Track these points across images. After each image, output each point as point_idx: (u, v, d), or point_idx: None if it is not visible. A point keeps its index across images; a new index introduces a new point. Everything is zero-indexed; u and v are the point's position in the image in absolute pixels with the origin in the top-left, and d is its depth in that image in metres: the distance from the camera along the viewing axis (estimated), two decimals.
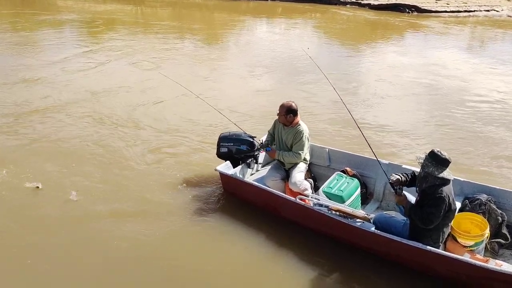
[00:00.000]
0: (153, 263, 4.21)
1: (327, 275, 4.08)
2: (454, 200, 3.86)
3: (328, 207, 4.33)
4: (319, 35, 17.23)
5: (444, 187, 3.75)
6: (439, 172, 3.75)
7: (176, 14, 21.16)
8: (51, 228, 4.71)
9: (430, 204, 3.75)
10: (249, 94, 9.25)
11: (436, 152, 3.80)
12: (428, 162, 3.80)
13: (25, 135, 6.95)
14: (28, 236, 4.57)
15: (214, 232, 4.69)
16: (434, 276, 3.95)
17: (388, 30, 17.66)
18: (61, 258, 4.27)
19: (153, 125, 7.43)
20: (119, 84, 9.60)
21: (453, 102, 8.87)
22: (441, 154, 3.78)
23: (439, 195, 3.71)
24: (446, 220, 3.86)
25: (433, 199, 3.74)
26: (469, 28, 18.80)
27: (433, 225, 3.78)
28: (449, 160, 3.79)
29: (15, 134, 6.97)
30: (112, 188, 5.48)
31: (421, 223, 3.80)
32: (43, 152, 6.40)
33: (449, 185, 3.81)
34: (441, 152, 3.80)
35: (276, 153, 5.17)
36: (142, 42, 14.04)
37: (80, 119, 7.61)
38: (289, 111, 5.01)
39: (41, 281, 3.99)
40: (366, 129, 7.42)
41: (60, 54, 12.04)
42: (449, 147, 6.80)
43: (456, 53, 13.69)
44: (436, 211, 3.72)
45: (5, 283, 3.95)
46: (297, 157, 5.06)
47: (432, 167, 3.77)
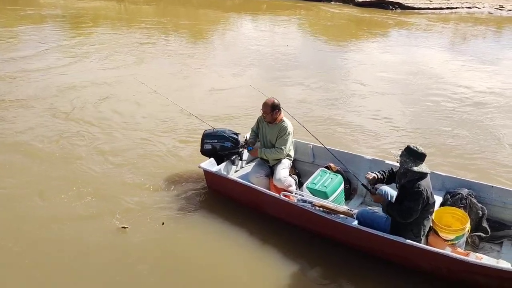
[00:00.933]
0: (136, 264, 4.17)
1: (311, 271, 4.09)
2: (432, 194, 3.91)
3: (311, 203, 4.34)
4: (303, 32, 17.27)
5: (422, 181, 3.80)
6: (417, 167, 3.80)
7: (160, 11, 20.96)
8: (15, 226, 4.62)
9: (409, 199, 3.80)
10: (230, 91, 9.22)
11: (412, 147, 3.86)
12: (405, 158, 3.86)
13: None
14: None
15: (198, 230, 4.67)
16: (416, 270, 3.99)
17: (372, 27, 17.77)
18: (34, 258, 4.21)
19: (132, 124, 7.34)
20: (95, 82, 9.48)
21: (435, 99, 8.97)
22: (417, 149, 3.84)
23: (417, 189, 3.77)
24: (425, 214, 3.91)
25: (411, 193, 3.79)
26: (452, 25, 19.03)
27: (412, 219, 3.82)
28: (425, 154, 3.85)
29: None
30: (93, 189, 5.40)
31: (400, 218, 3.85)
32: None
33: (427, 179, 3.87)
34: (416, 147, 3.86)
35: (258, 151, 5.16)
36: (122, 39, 13.86)
37: (52, 117, 7.50)
38: (273, 107, 5.00)
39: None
40: (347, 125, 7.51)
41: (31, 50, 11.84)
42: (430, 142, 6.89)
43: (438, 50, 13.85)
44: (414, 205, 3.77)
45: None
46: (279, 152, 5.05)
47: (410, 163, 3.82)
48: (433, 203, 3.96)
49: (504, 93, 9.43)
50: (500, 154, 6.57)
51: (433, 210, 4.00)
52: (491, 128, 7.54)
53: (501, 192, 4.57)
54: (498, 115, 8.11)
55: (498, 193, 4.57)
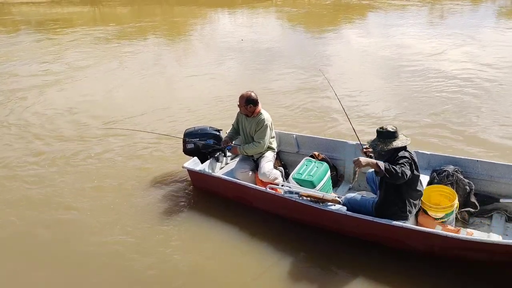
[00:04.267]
0: (125, 266, 4.08)
1: (304, 261, 4.03)
2: (417, 166, 3.83)
3: (298, 194, 4.28)
4: (282, 22, 17.17)
5: (404, 151, 3.78)
6: (388, 146, 3.79)
7: (136, 12, 20.69)
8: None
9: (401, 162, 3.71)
10: (207, 88, 9.12)
11: (379, 129, 3.88)
12: (376, 142, 3.87)
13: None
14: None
15: (188, 230, 4.58)
16: (409, 252, 3.95)
17: (350, 11, 17.74)
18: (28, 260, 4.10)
19: (115, 126, 7.22)
20: (68, 89, 9.35)
21: (416, 78, 8.97)
22: (383, 129, 3.84)
23: (399, 157, 3.72)
24: (411, 186, 3.84)
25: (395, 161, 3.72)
26: (429, 3, 19.06)
27: (407, 176, 3.60)
28: (393, 130, 3.83)
29: None
30: (76, 193, 5.30)
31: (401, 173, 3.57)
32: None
33: (409, 151, 3.82)
34: (383, 127, 3.87)
35: (238, 149, 5.09)
36: (96, 44, 13.68)
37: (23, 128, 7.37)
38: (248, 101, 4.92)
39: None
40: (329, 111, 7.46)
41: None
42: (413, 121, 6.89)
43: (417, 28, 13.88)
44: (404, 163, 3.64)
45: None
46: (258, 146, 4.98)
47: (381, 144, 3.82)
48: (417, 177, 3.89)
49: (484, 69, 9.44)
50: (484, 129, 6.56)
51: (417, 187, 3.90)
52: (473, 103, 7.55)
53: (487, 165, 4.55)
54: (479, 91, 8.12)
55: (484, 167, 4.55)
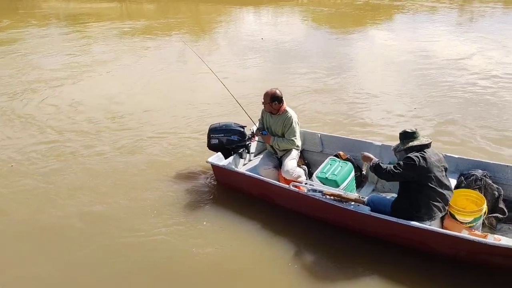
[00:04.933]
0: (147, 257, 4.14)
1: (325, 260, 4.01)
2: (433, 169, 3.81)
3: (322, 192, 4.26)
4: (307, 21, 17.10)
5: (416, 152, 3.86)
6: (405, 145, 3.95)
7: (161, 8, 20.92)
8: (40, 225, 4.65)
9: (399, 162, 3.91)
10: (234, 84, 9.11)
11: (400, 132, 4.07)
12: (398, 145, 4.06)
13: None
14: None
15: (210, 224, 4.62)
16: (433, 255, 3.89)
17: (377, 11, 17.53)
18: (52, 257, 4.20)
19: (139, 121, 7.34)
20: (99, 82, 9.51)
21: (444, 81, 8.79)
22: (402, 131, 4.04)
23: (409, 156, 3.86)
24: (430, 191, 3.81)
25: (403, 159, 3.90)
26: (458, 4, 18.68)
27: (393, 177, 3.89)
28: (410, 131, 3.99)
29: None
30: (103, 185, 5.40)
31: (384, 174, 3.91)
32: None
33: (428, 152, 3.87)
34: (405, 130, 4.04)
35: (271, 139, 5.08)
36: (121, 39, 13.90)
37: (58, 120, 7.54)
38: (273, 98, 4.92)
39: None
40: (355, 112, 7.39)
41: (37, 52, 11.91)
42: (441, 125, 6.76)
43: (446, 31, 13.59)
44: (402, 165, 3.82)
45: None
46: (291, 143, 4.98)
47: (400, 145, 4.01)
48: (439, 182, 3.84)
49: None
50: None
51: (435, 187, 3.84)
52: (504, 108, 7.36)
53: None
54: (509, 95, 7.92)
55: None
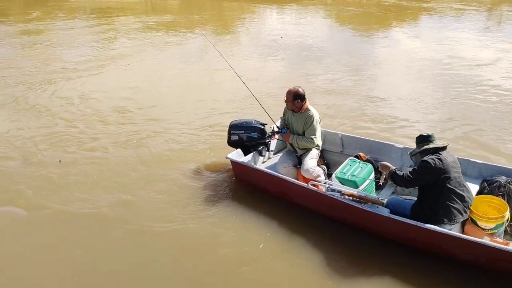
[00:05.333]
0: (165, 251, 4.20)
1: (341, 260, 4.00)
2: (450, 171, 3.79)
3: (341, 192, 4.24)
4: (330, 21, 16.99)
5: (430, 155, 3.84)
6: (420, 148, 3.94)
7: (185, 4, 21.07)
8: (64, 218, 4.75)
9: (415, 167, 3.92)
10: (256, 81, 9.16)
11: (417, 136, 4.06)
12: (414, 150, 4.03)
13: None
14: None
15: (227, 221, 4.65)
16: (454, 260, 3.84)
17: (402, 12, 17.29)
18: (74, 247, 4.30)
19: (162, 116, 7.41)
20: (127, 78, 9.65)
21: (468, 85, 8.63)
22: (418, 135, 4.03)
23: (424, 159, 3.83)
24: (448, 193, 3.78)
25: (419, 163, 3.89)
26: (486, 7, 18.28)
27: (411, 183, 3.89)
28: (426, 134, 3.98)
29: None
30: (125, 179, 5.48)
31: (401, 181, 3.92)
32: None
33: (443, 154, 3.86)
34: (422, 133, 4.03)
35: (290, 137, 5.09)
36: (144, 34, 14.05)
37: (83, 114, 7.68)
38: (296, 96, 4.91)
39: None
40: (377, 113, 7.32)
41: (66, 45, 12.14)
42: (465, 129, 6.64)
43: (472, 35, 13.33)
44: (418, 169, 3.82)
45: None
46: (311, 142, 4.97)
47: (416, 149, 4.00)
48: (457, 183, 3.81)
49: None
50: None
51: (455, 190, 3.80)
52: None
53: None
54: None
55: None
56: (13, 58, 11.34)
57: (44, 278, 3.92)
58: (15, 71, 10.12)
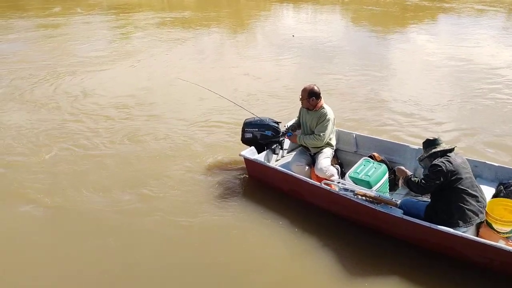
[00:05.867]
0: (178, 249, 4.23)
1: (352, 260, 3.99)
2: (461, 171, 3.77)
3: (354, 192, 4.23)
4: (347, 20, 16.88)
5: (440, 158, 3.84)
6: (428, 152, 3.93)
7: (202, 1, 21.14)
8: (68, 217, 4.81)
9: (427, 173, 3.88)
10: (270, 80, 9.18)
11: (423, 141, 4.06)
12: (423, 154, 4.02)
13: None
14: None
15: (239, 218, 4.67)
16: (466, 262, 3.80)
17: (419, 12, 17.08)
18: (87, 246, 4.36)
19: (175, 114, 7.44)
20: (136, 77, 9.74)
21: (486, 87, 8.49)
22: (425, 139, 4.03)
23: (434, 163, 3.82)
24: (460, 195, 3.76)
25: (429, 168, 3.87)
26: (504, 9, 17.95)
27: (426, 190, 3.85)
28: (431, 138, 3.98)
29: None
30: (139, 175, 5.54)
31: (416, 188, 3.88)
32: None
33: (451, 156, 3.84)
34: (428, 138, 4.03)
35: (297, 138, 5.09)
36: (160, 30, 14.15)
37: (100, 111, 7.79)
38: (311, 94, 4.90)
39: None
40: (393, 114, 7.27)
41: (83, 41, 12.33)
42: (481, 132, 6.56)
43: (490, 37, 13.10)
44: (430, 175, 3.79)
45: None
46: (318, 139, 4.95)
47: (424, 153, 3.98)
48: (470, 184, 3.80)
49: None
50: None
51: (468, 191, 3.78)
52: None
53: None
54: None
55: None
56: (26, 51, 11.57)
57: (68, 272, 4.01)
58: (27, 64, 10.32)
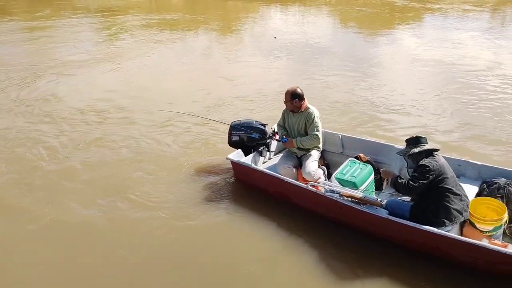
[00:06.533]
0: (164, 253, 4.21)
1: (339, 262, 4.01)
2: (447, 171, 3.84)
3: (340, 193, 4.25)
4: (334, 21, 16.98)
5: (427, 158, 3.88)
6: (418, 148, 3.93)
7: (189, 3, 21.11)
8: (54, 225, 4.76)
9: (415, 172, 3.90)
10: (255, 83, 9.19)
11: (409, 137, 4.09)
12: (406, 149, 4.04)
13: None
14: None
15: (226, 221, 4.67)
16: (451, 262, 3.85)
17: (406, 13, 17.24)
18: (65, 254, 4.33)
19: (159, 117, 7.39)
20: (121, 78, 9.70)
21: (472, 86, 8.61)
22: (412, 136, 4.06)
23: (420, 164, 3.84)
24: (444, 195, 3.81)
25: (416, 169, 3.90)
26: (489, 9, 18.19)
27: (416, 191, 3.85)
28: (419, 136, 4.01)
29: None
30: (124, 179, 5.51)
31: (405, 190, 3.91)
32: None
33: (437, 158, 3.89)
34: (412, 135, 4.08)
35: (294, 141, 5.03)
36: (147, 32, 14.11)
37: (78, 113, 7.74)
38: (294, 96, 4.92)
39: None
40: (377, 114, 7.33)
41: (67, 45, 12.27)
42: (465, 130, 6.64)
43: (475, 36, 13.27)
44: (418, 176, 3.81)
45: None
46: (315, 138, 4.96)
47: (415, 149, 3.96)
48: (454, 183, 3.85)
49: None
50: None
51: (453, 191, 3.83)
52: None
53: None
54: None
55: None
56: (7, 54, 11.45)
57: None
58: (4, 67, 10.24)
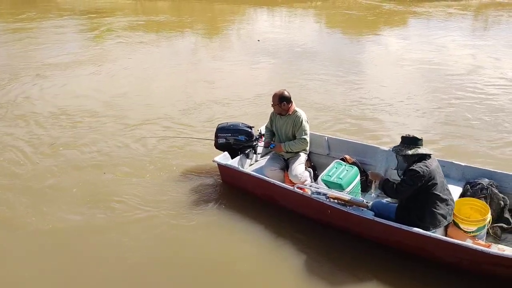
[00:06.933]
0: (148, 258, 4.18)
1: (327, 263, 4.03)
2: (436, 176, 3.82)
3: (326, 195, 4.27)
4: (320, 24, 17.09)
5: (419, 163, 3.83)
6: (412, 150, 3.85)
7: (176, 7, 21.05)
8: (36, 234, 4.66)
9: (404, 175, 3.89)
10: (242, 85, 9.18)
11: (405, 135, 3.98)
12: (400, 147, 3.94)
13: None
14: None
15: (213, 224, 4.65)
16: (436, 262, 3.88)
17: (391, 17, 17.41)
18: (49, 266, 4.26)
19: (146, 118, 7.35)
20: (108, 81, 9.65)
21: (454, 88, 8.71)
22: (409, 135, 3.94)
23: (411, 168, 3.80)
24: (433, 199, 3.82)
25: (406, 172, 3.87)
26: (472, 12, 18.49)
27: (404, 195, 3.85)
28: (417, 137, 3.91)
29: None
30: (107, 183, 5.46)
31: (392, 193, 3.93)
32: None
33: (430, 162, 3.85)
34: (408, 134, 3.97)
35: (282, 146, 5.04)
36: (133, 35, 14.04)
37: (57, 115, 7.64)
38: (282, 99, 4.93)
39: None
40: (363, 116, 7.38)
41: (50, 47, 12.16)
42: (449, 132, 6.72)
43: (459, 38, 13.46)
44: (407, 180, 3.80)
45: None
46: (303, 142, 4.98)
47: (404, 149, 3.88)
48: (442, 188, 3.86)
49: None
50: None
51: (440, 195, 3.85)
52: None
53: None
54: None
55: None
56: None
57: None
58: None
